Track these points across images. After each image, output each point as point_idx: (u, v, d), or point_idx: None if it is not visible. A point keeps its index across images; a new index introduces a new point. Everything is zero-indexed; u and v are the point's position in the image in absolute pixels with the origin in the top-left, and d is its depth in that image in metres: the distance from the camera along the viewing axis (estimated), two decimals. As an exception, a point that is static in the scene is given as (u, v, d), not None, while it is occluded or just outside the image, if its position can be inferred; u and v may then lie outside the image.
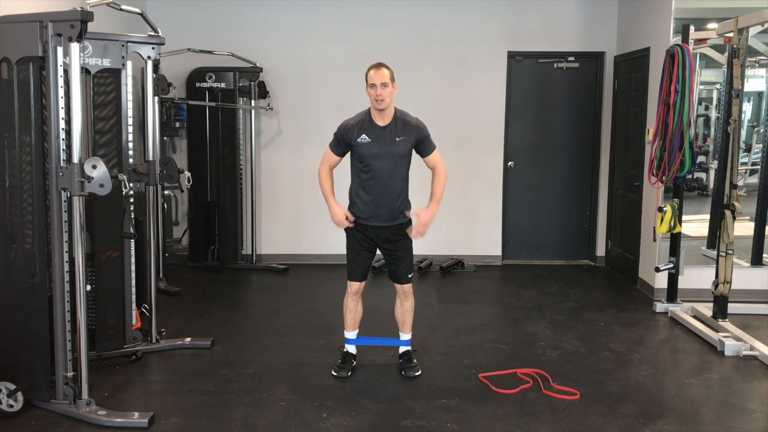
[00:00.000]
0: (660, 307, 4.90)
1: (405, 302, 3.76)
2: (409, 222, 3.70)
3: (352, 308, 3.76)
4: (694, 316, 4.68)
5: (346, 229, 3.74)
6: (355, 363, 3.78)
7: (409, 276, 3.73)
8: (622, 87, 6.06)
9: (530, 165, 6.41)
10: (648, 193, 5.30)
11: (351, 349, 3.81)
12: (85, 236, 3.15)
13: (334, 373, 3.70)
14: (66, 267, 3.12)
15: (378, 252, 3.80)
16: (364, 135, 3.54)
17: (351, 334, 3.79)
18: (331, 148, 3.65)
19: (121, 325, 3.91)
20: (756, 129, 5.98)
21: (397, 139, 3.54)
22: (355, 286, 3.73)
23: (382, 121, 3.56)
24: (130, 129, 3.88)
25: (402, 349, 3.83)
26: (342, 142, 3.60)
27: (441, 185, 3.63)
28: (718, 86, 5.84)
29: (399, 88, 6.52)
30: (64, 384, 3.17)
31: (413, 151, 3.63)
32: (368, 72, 3.53)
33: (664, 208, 4.65)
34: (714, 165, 5.66)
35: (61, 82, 3.04)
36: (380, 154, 3.53)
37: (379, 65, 3.52)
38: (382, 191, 3.57)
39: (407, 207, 3.68)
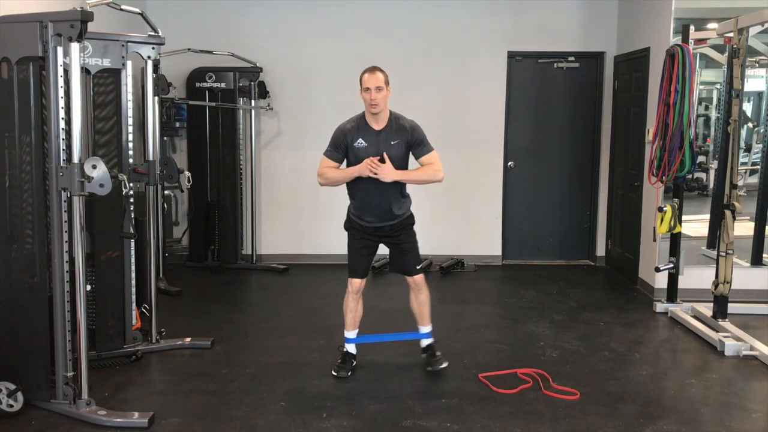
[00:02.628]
0: (660, 307, 4.90)
1: (419, 294, 3.75)
2: (411, 219, 3.72)
3: (353, 307, 3.75)
4: (694, 316, 4.68)
5: (347, 228, 3.75)
6: (355, 363, 3.78)
7: (419, 267, 3.73)
8: (622, 87, 6.06)
9: (530, 165, 6.41)
10: (648, 193, 5.30)
11: (351, 348, 3.80)
12: (85, 236, 3.15)
13: (334, 373, 3.70)
14: (66, 267, 3.12)
15: (378, 252, 3.80)
16: (360, 139, 3.55)
17: (351, 333, 3.79)
18: (327, 155, 3.61)
19: (121, 325, 3.91)
20: (756, 129, 5.98)
21: (392, 143, 3.54)
22: (356, 284, 3.72)
23: (377, 124, 3.56)
24: (130, 129, 3.88)
25: (424, 342, 3.82)
26: (340, 147, 3.59)
27: (422, 173, 3.59)
28: (718, 86, 5.84)
29: (399, 88, 6.53)
30: (64, 384, 3.17)
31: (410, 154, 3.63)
32: (362, 76, 3.51)
33: (664, 208, 4.65)
34: (714, 165, 5.66)
35: (61, 82, 3.04)
36: (376, 157, 3.52)
37: (373, 69, 3.51)
38: (380, 194, 3.57)
39: (407, 205, 3.70)
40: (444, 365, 3.72)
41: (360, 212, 3.66)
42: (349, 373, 3.70)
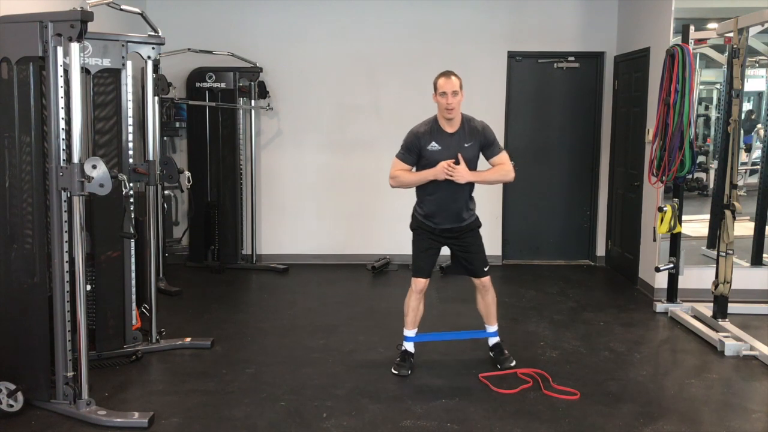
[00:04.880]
0: (660, 307, 4.90)
1: (486, 295, 3.82)
2: (478, 222, 3.78)
3: (415, 306, 3.78)
4: (694, 316, 4.68)
5: (413, 228, 3.80)
6: (413, 361, 3.81)
7: (485, 269, 3.78)
8: (622, 87, 6.06)
9: (530, 165, 6.40)
10: (648, 193, 5.30)
11: (409, 347, 3.83)
12: (85, 236, 3.15)
13: (395, 371, 3.71)
14: (66, 267, 3.12)
15: (378, 252, 3.81)
16: (433, 142, 3.58)
17: (411, 332, 3.82)
18: (399, 158, 3.66)
19: (121, 325, 3.91)
20: (756, 129, 5.98)
21: (466, 145, 3.59)
22: (420, 284, 3.75)
23: (450, 128, 3.60)
24: (130, 129, 3.88)
25: (491, 341, 3.89)
26: (413, 150, 3.62)
27: (495, 173, 3.67)
28: (718, 86, 5.84)
29: (399, 88, 6.55)
30: (64, 384, 3.17)
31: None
32: (438, 80, 3.56)
33: (664, 208, 4.65)
34: (714, 165, 5.66)
35: (61, 82, 3.04)
36: (451, 160, 3.55)
37: (448, 74, 3.55)
38: (451, 196, 3.62)
39: (474, 208, 3.77)
40: (513, 363, 3.77)
41: (430, 214, 3.69)
42: (410, 371, 3.72)
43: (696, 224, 5.53)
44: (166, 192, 5.96)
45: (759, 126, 5.93)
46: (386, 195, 6.33)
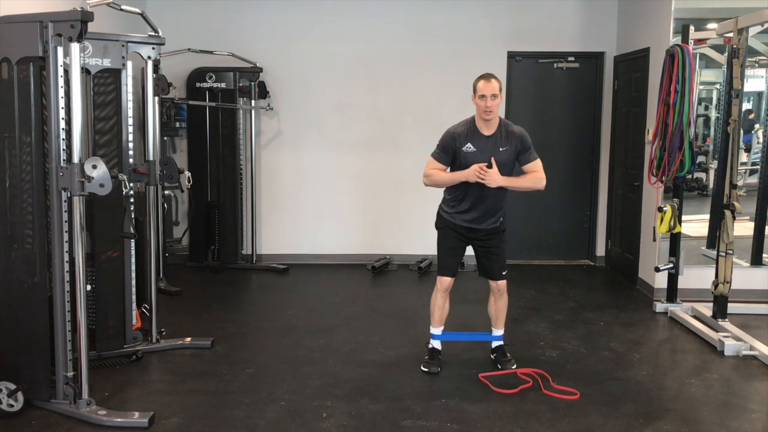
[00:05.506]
0: (660, 307, 4.91)
1: (499, 300, 3.84)
2: (504, 226, 3.79)
3: (441, 304, 3.81)
4: (694, 316, 4.68)
5: (438, 227, 3.82)
6: (440, 358, 3.84)
7: (503, 273, 3.79)
8: (621, 87, 6.06)
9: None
10: (648, 193, 5.30)
11: (437, 345, 3.86)
12: (85, 236, 3.15)
13: (425, 369, 3.74)
14: (66, 267, 3.12)
15: (378, 252, 3.81)
16: (469, 144, 3.59)
17: (438, 330, 3.85)
18: (435, 157, 3.67)
19: (121, 325, 3.91)
20: (755, 130, 5.98)
21: (501, 149, 3.59)
22: (446, 282, 3.77)
23: (487, 130, 3.60)
24: (131, 129, 3.88)
25: (495, 343, 3.92)
26: (448, 150, 3.62)
27: (527, 180, 3.66)
28: (718, 86, 5.84)
29: (399, 88, 6.55)
30: (65, 384, 3.17)
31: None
32: (477, 83, 3.56)
33: (664, 208, 4.66)
34: (714, 165, 5.66)
35: (61, 82, 3.04)
36: (484, 163, 3.55)
37: (488, 76, 3.55)
38: (483, 199, 3.62)
39: (503, 212, 3.76)
40: (514, 366, 3.79)
41: (458, 213, 3.70)
42: (439, 369, 3.74)
43: (696, 224, 5.54)
44: (166, 192, 5.95)
45: (757, 126, 5.93)
46: (386, 195, 6.37)
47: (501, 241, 3.79)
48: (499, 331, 3.90)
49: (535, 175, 3.65)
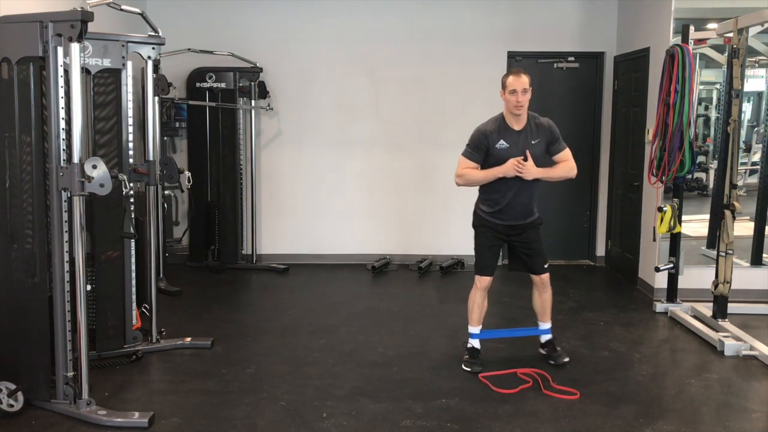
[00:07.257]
0: (660, 307, 4.90)
1: (544, 293, 3.88)
2: (540, 219, 3.81)
3: (480, 303, 3.83)
4: (694, 316, 4.68)
5: (476, 226, 3.83)
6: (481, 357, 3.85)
7: (545, 266, 3.82)
8: (622, 87, 6.06)
9: (530, 165, 6.40)
10: (648, 193, 5.30)
11: (476, 343, 3.87)
12: (85, 236, 3.15)
13: (467, 368, 3.75)
14: (66, 267, 3.12)
15: (378, 252, 3.81)
16: (501, 140, 3.61)
17: (476, 329, 3.87)
18: (467, 156, 3.68)
19: (121, 324, 3.91)
20: (756, 129, 5.98)
21: (533, 142, 3.62)
22: (485, 282, 3.80)
23: (517, 125, 3.62)
24: (131, 129, 3.88)
25: (544, 338, 3.94)
26: (480, 148, 3.64)
27: (560, 169, 3.72)
28: (718, 86, 5.84)
29: (399, 88, 6.55)
30: (65, 384, 3.17)
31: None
32: (507, 78, 3.59)
33: (664, 208, 4.66)
34: (714, 165, 5.66)
35: (61, 82, 3.04)
36: (519, 157, 3.57)
37: (518, 72, 3.58)
38: (518, 193, 3.65)
39: (536, 205, 3.79)
40: (566, 359, 3.81)
41: (498, 211, 3.71)
42: (481, 368, 3.74)
43: (696, 224, 5.54)
44: (166, 192, 5.96)
45: (756, 130, 5.94)
46: (386, 195, 6.37)
47: (539, 234, 3.82)
48: (546, 325, 3.92)
49: (566, 165, 3.70)
